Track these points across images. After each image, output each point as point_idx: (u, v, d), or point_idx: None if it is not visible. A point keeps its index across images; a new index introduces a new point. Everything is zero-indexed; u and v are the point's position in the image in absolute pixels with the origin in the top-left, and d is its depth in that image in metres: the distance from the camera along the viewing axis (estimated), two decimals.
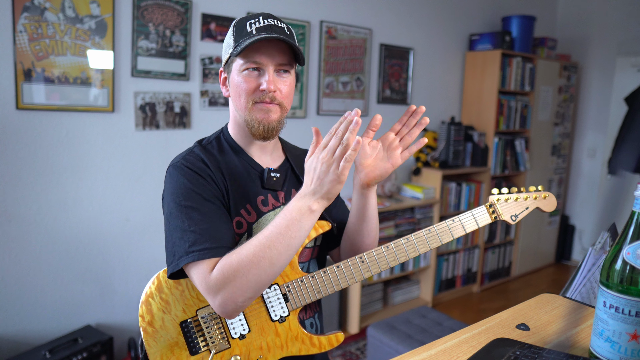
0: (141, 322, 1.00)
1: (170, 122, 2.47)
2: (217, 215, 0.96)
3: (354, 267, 1.02)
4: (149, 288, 1.01)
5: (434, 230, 1.03)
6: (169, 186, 1.00)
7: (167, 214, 0.98)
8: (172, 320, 1.00)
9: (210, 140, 1.11)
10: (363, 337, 2.95)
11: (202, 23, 2.51)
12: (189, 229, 0.93)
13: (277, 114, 1.02)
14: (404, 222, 3.25)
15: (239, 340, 1.00)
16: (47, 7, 2.06)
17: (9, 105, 2.04)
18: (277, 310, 1.01)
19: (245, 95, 1.00)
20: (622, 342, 0.68)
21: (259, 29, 0.99)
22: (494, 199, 1.06)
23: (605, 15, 4.30)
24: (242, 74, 1.00)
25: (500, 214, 1.05)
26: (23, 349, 2.15)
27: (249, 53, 0.98)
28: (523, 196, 1.07)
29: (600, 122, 4.42)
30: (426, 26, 3.56)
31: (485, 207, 1.05)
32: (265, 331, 1.01)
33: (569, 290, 1.08)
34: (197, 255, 0.90)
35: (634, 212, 0.69)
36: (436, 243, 1.03)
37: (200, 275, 0.90)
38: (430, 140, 3.61)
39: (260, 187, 1.07)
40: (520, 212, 1.07)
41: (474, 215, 1.05)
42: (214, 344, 0.99)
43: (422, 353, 0.77)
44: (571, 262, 4.65)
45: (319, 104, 3.03)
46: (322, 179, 0.88)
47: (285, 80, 1.02)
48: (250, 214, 1.04)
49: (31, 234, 2.16)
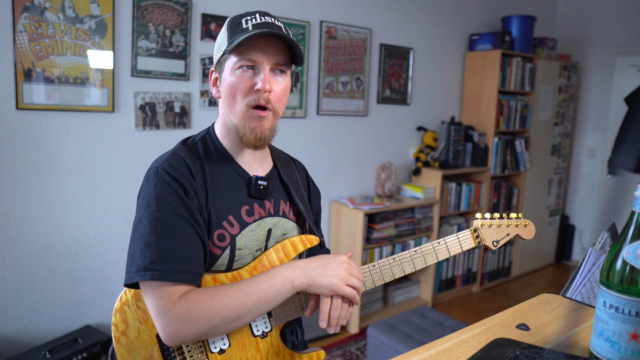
0: (114, 332, 0.94)
1: (170, 122, 2.47)
2: (189, 236, 0.89)
3: None
4: (124, 294, 0.95)
5: (420, 251, 1.06)
6: (145, 190, 0.93)
7: (135, 219, 0.92)
8: (148, 331, 0.94)
9: (195, 141, 1.03)
10: (363, 337, 2.95)
11: (202, 23, 2.51)
12: (155, 244, 0.86)
13: (269, 122, 0.97)
14: (404, 222, 3.25)
15: (218, 354, 0.94)
16: (47, 7, 2.06)
17: (9, 105, 2.04)
18: (259, 325, 0.98)
19: (240, 97, 0.94)
20: (622, 342, 0.68)
21: (255, 26, 0.92)
22: (478, 224, 1.11)
23: (605, 15, 4.30)
24: (235, 73, 0.94)
25: (483, 239, 1.10)
26: (23, 349, 2.15)
27: (243, 50, 0.92)
28: (505, 222, 1.12)
29: (600, 122, 4.42)
30: (426, 26, 3.56)
31: (470, 231, 1.10)
32: (246, 346, 0.96)
33: (569, 290, 1.08)
34: (156, 275, 0.84)
35: (634, 212, 0.69)
36: (421, 264, 1.07)
37: (158, 298, 0.85)
38: (430, 140, 3.61)
39: (246, 196, 1.01)
40: (501, 238, 1.12)
41: (459, 238, 1.09)
42: (192, 358, 0.94)
43: (422, 353, 0.77)
44: (571, 262, 4.64)
45: (319, 104, 3.03)
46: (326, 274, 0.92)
47: (280, 82, 0.96)
48: (233, 226, 0.98)
49: (31, 234, 2.16)
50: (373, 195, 3.38)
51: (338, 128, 3.15)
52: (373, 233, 3.07)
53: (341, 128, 3.17)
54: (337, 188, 3.22)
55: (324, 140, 3.09)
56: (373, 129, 3.34)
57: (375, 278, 1.03)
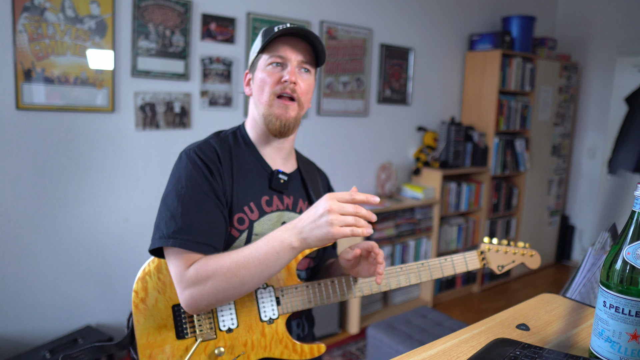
0: (134, 298, 1.01)
1: (170, 122, 2.47)
2: (212, 213, 0.98)
3: (347, 285, 1.07)
4: (147, 265, 1.03)
5: (427, 265, 1.11)
6: (176, 170, 1.03)
7: (165, 193, 1.01)
8: (165, 301, 1.01)
9: (227, 133, 1.14)
10: (363, 337, 2.95)
11: (202, 23, 2.51)
12: (181, 215, 0.95)
13: (294, 111, 1.06)
14: (404, 222, 3.25)
15: (226, 333, 1.01)
16: (47, 7, 2.06)
17: (9, 105, 2.04)
18: (267, 311, 1.04)
19: (268, 88, 1.04)
20: (622, 342, 0.68)
21: (285, 29, 1.03)
22: (485, 247, 1.17)
23: (605, 15, 4.30)
24: (266, 69, 1.05)
25: (489, 262, 1.17)
26: (23, 349, 2.15)
27: (273, 47, 1.04)
28: (511, 250, 1.18)
29: (600, 122, 4.42)
30: (426, 26, 3.56)
31: (477, 253, 1.17)
32: (252, 329, 1.03)
33: (569, 290, 1.08)
34: (178, 242, 0.92)
35: (634, 212, 0.69)
36: (426, 277, 1.12)
37: (177, 265, 0.93)
38: (430, 140, 3.61)
39: (267, 188, 1.09)
40: (507, 264, 1.19)
41: (465, 258, 1.15)
42: (202, 332, 1.01)
43: (422, 353, 0.77)
44: (571, 262, 4.64)
45: (319, 104, 3.03)
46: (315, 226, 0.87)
47: (305, 79, 1.07)
48: (252, 212, 1.06)
49: (31, 234, 2.16)
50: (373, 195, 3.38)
51: (338, 128, 3.15)
52: (374, 233, 3.07)
53: (341, 128, 3.17)
54: (337, 188, 3.18)
55: (324, 140, 3.09)
56: (373, 129, 3.34)
57: (381, 284, 1.08)
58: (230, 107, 2.67)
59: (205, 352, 1.00)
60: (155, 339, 1.00)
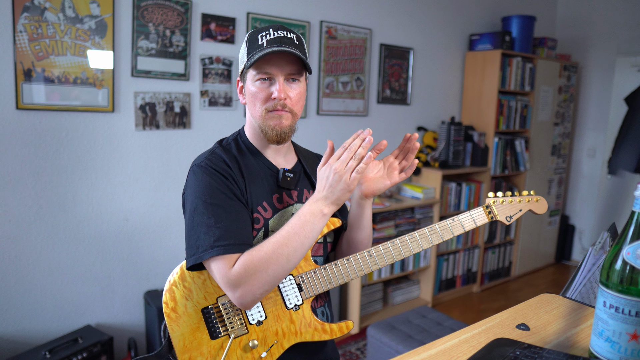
0: (165, 309, 1.07)
1: (170, 122, 2.47)
2: (240, 214, 1.04)
3: (362, 260, 1.11)
4: (172, 277, 1.08)
5: (436, 227, 1.12)
6: (193, 184, 1.06)
7: (191, 209, 1.04)
8: (194, 306, 1.07)
9: (229, 141, 1.19)
10: (363, 337, 2.95)
11: (202, 23, 2.51)
12: (215, 225, 1.00)
13: (288, 120, 1.10)
14: (404, 222, 3.25)
15: (256, 326, 1.07)
16: (47, 7, 2.06)
17: (9, 105, 2.04)
18: (292, 299, 1.09)
19: (260, 104, 1.09)
20: (622, 342, 0.68)
21: (269, 42, 1.06)
22: (490, 201, 1.16)
23: (605, 15, 4.30)
24: (255, 84, 1.09)
25: (496, 215, 1.16)
26: (23, 349, 2.15)
27: (260, 65, 1.06)
28: (517, 199, 1.17)
29: (600, 122, 4.42)
30: (426, 26, 3.56)
31: (482, 208, 1.15)
32: (280, 318, 1.08)
33: (569, 290, 1.08)
34: (222, 250, 0.98)
35: (634, 212, 0.69)
36: (437, 239, 1.12)
37: (222, 269, 0.98)
38: (430, 140, 3.61)
39: (276, 186, 1.15)
40: (514, 214, 1.17)
41: (472, 215, 1.14)
42: (233, 329, 1.06)
43: (422, 353, 0.77)
44: (571, 262, 4.65)
45: (319, 104, 3.03)
46: (334, 187, 0.99)
47: (295, 88, 1.10)
48: (266, 211, 1.12)
49: (31, 234, 2.16)
50: None
51: (338, 128, 3.15)
52: (373, 233, 3.07)
53: (341, 128, 3.17)
54: None
55: (324, 140, 3.09)
56: (373, 129, 3.29)
57: (395, 253, 1.10)
58: (230, 107, 2.67)
59: (240, 346, 1.06)
60: (192, 343, 1.06)
